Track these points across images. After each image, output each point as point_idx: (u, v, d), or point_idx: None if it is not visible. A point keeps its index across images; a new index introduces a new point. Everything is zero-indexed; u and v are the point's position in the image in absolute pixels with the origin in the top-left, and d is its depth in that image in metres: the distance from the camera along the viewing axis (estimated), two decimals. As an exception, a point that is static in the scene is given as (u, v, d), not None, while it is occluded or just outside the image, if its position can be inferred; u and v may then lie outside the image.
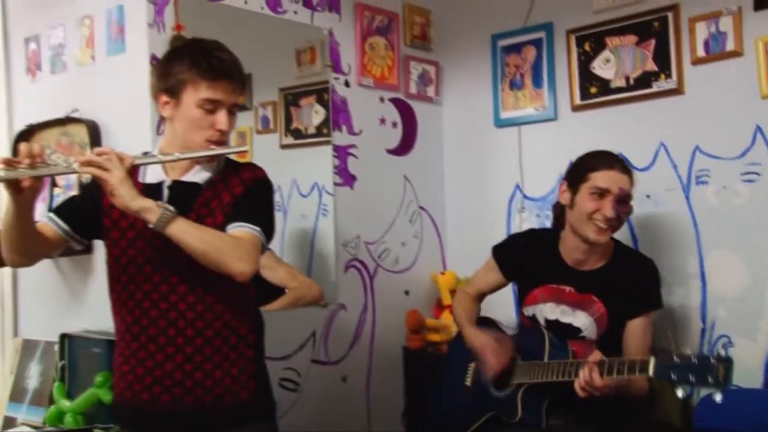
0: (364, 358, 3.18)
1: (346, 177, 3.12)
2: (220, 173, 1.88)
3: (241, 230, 1.78)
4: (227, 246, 1.73)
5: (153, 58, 2.51)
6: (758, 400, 2.42)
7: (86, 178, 1.93)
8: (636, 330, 2.32)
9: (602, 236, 2.31)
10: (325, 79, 3.07)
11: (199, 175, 1.86)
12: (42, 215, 2.00)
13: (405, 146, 3.38)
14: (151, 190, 1.81)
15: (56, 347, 2.69)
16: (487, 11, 3.36)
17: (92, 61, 2.73)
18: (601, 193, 2.30)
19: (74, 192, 2.70)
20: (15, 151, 2.94)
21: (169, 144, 1.87)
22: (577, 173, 2.39)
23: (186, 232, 1.70)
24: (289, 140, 3.08)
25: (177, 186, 1.85)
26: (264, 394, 1.95)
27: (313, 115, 3.07)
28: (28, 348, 2.90)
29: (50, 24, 2.90)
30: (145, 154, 1.94)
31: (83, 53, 2.76)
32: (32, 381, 2.81)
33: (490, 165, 3.36)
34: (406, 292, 3.36)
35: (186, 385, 1.81)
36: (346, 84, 3.14)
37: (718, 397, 1.83)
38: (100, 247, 2.64)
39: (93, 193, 1.88)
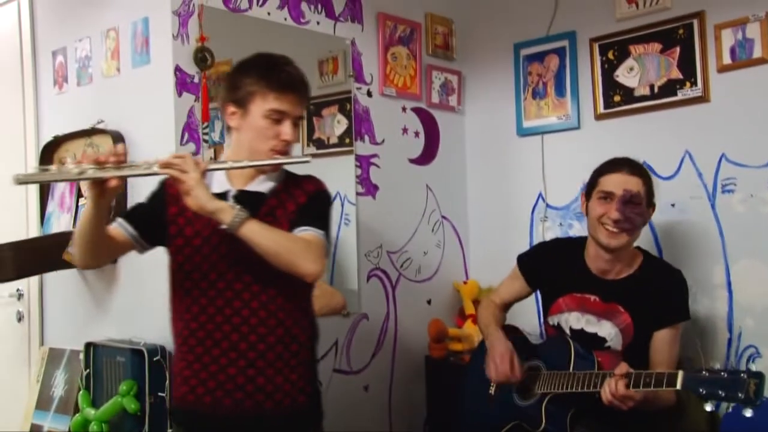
0: (387, 367, 3.18)
1: (368, 187, 3.13)
2: (282, 183, 1.95)
3: (308, 233, 1.85)
4: (297, 247, 1.80)
5: (177, 69, 2.54)
6: None
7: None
8: (663, 342, 2.30)
9: (614, 239, 2.31)
10: (347, 89, 3.08)
11: (262, 185, 1.93)
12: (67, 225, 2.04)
13: (427, 156, 3.38)
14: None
15: (81, 356, 2.72)
16: (509, 20, 3.35)
17: (117, 72, 2.77)
18: (607, 196, 2.32)
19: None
20: (42, 162, 2.99)
21: (234, 154, 1.95)
22: (590, 181, 2.42)
23: (258, 233, 1.76)
24: (312, 150, 3.08)
25: (242, 195, 1.91)
26: (318, 400, 2.01)
27: (336, 124, 3.08)
28: (53, 357, 2.94)
29: (77, 37, 2.94)
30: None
31: (109, 65, 2.80)
32: (58, 389, 2.84)
33: (512, 174, 3.35)
34: (429, 302, 3.35)
35: (247, 390, 1.86)
36: (369, 94, 3.15)
37: (748, 413, 1.81)
38: (124, 257, 2.68)
39: (159, 201, 1.97)
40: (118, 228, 1.95)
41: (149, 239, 1.98)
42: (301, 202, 1.92)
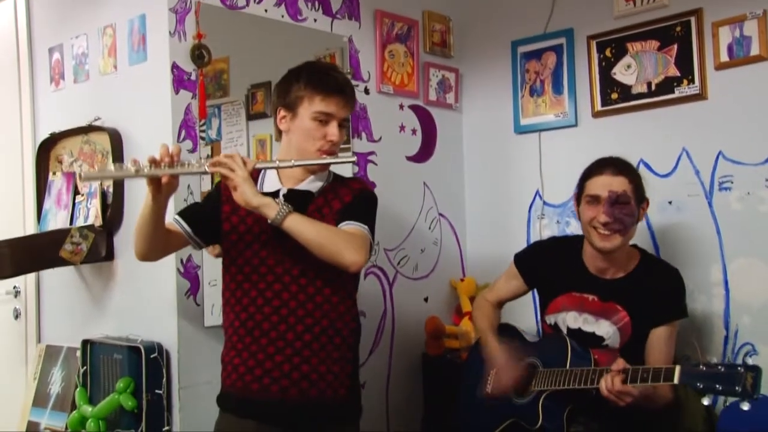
0: (384, 364, 3.18)
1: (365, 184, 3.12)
2: (330, 184, 2.09)
3: (352, 226, 1.96)
4: (340, 238, 1.91)
5: (174, 66, 2.54)
6: None
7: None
8: (659, 339, 2.31)
9: (607, 242, 2.32)
10: None
11: (311, 185, 2.06)
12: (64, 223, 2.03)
13: (424, 153, 3.38)
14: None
15: (78, 353, 2.73)
16: (507, 17, 3.35)
17: (114, 70, 2.76)
18: (593, 199, 2.34)
19: (96, 199, 2.73)
20: (39, 159, 2.99)
21: (284, 155, 2.07)
22: (579, 185, 2.44)
23: (302, 225, 1.88)
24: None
25: (291, 194, 2.04)
26: (357, 395, 2.13)
27: (333, 122, 3.09)
28: (50, 354, 2.94)
29: (73, 33, 2.94)
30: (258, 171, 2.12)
31: (105, 62, 2.79)
32: (55, 386, 2.85)
33: (509, 172, 3.36)
34: (426, 299, 3.36)
35: (293, 377, 1.98)
36: (366, 91, 3.15)
37: (745, 406, 1.82)
38: (122, 254, 2.70)
39: (213, 200, 2.13)
40: (174, 225, 2.09)
41: (203, 236, 2.12)
42: (346, 200, 2.04)
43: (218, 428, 2.10)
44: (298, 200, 2.01)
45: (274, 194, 2.03)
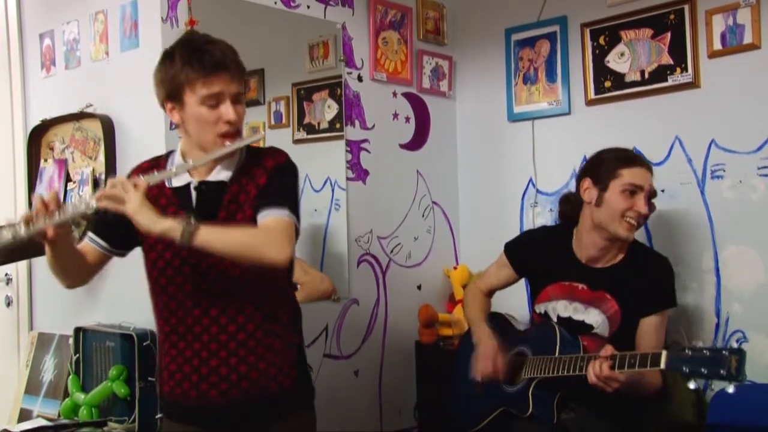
0: (377, 352, 3.20)
1: (358, 172, 3.14)
2: (243, 165, 1.89)
3: (269, 218, 1.79)
4: (256, 241, 1.76)
5: (166, 52, 2.54)
6: None
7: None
8: (649, 328, 2.32)
9: (631, 233, 2.34)
10: (338, 73, 3.08)
11: (223, 173, 1.88)
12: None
13: (418, 141, 3.39)
14: (180, 193, 1.86)
15: (71, 341, 2.73)
16: (500, 5, 3.35)
17: (106, 56, 2.75)
18: (634, 190, 2.32)
19: (88, 186, 2.74)
20: (31, 146, 2.97)
21: (186, 145, 1.90)
22: (606, 170, 2.37)
23: (212, 241, 1.72)
24: (302, 135, 3.09)
25: (204, 186, 1.87)
26: (305, 381, 1.99)
27: (326, 109, 3.09)
28: (43, 341, 2.94)
29: (64, 19, 2.93)
30: (170, 153, 1.98)
31: (97, 48, 2.78)
32: (47, 374, 2.85)
33: (503, 160, 3.37)
34: (419, 287, 3.37)
35: (231, 379, 1.85)
36: (359, 79, 3.15)
37: (731, 389, 1.83)
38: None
39: None
40: (90, 244, 1.95)
41: (123, 246, 1.97)
42: (261, 183, 1.86)
43: None
44: (211, 192, 1.86)
45: (186, 188, 1.87)
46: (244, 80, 1.91)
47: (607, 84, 2.97)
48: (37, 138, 2.98)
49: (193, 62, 1.79)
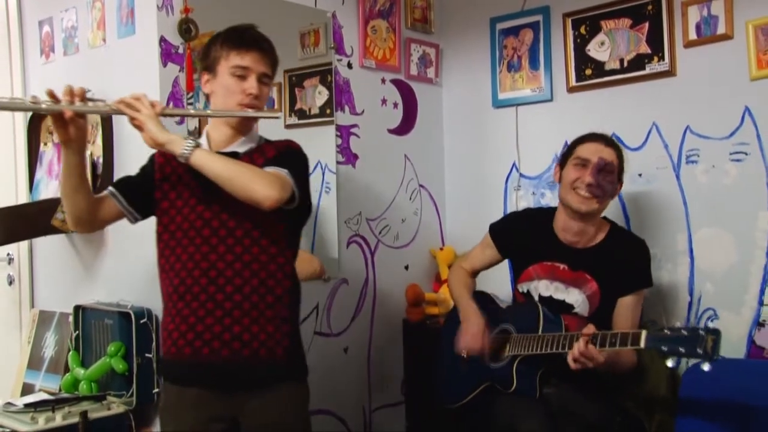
0: (366, 330, 3.25)
1: (348, 156, 3.18)
2: (259, 145, 2.04)
3: (272, 169, 1.90)
4: (251, 173, 1.86)
5: (162, 40, 2.58)
6: (741, 370, 2.48)
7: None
8: (626, 307, 2.38)
9: (584, 204, 2.38)
10: (328, 61, 3.10)
11: (239, 147, 2.01)
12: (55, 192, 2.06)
13: (406, 126, 3.43)
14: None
15: (71, 318, 2.77)
16: (486, -5, 3.38)
17: (103, 43, 2.79)
18: (583, 162, 2.40)
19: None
20: (30, 130, 3.01)
21: (212, 128, 2.05)
22: (566, 151, 2.49)
23: (210, 160, 1.84)
24: (294, 120, 3.10)
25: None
26: (297, 354, 2.05)
27: (317, 95, 3.11)
28: (44, 319, 2.99)
29: (63, 6, 2.96)
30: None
31: (95, 35, 2.81)
32: (48, 350, 2.90)
33: (487, 144, 3.41)
34: (406, 267, 3.41)
35: (224, 339, 1.92)
36: (349, 66, 3.19)
37: (706, 367, 1.89)
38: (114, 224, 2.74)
39: (146, 171, 2.08)
40: (108, 196, 2.04)
41: (139, 209, 2.06)
42: (269, 156, 1.99)
43: (162, 406, 2.09)
44: None
45: None
46: (274, 71, 2.07)
47: (588, 72, 3.02)
48: (36, 123, 3.00)
49: (234, 38, 1.99)
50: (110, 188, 2.06)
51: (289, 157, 2.00)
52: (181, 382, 2.00)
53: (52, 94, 1.82)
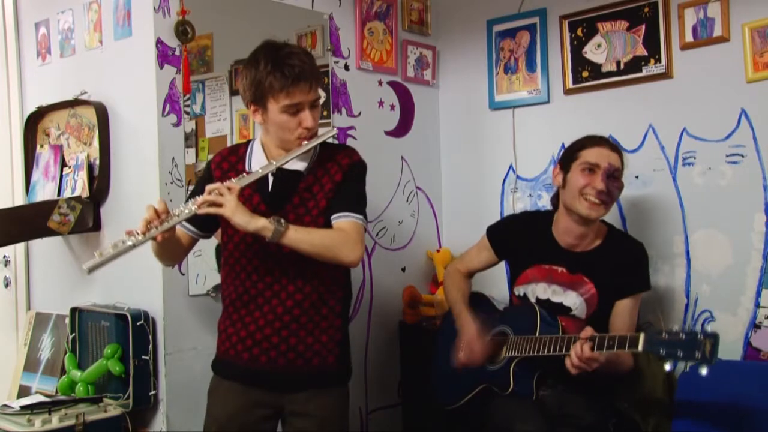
0: (363, 331, 3.24)
1: (345, 158, 3.18)
2: (318, 158, 2.11)
3: (345, 221, 2.04)
4: (336, 243, 2.00)
5: (159, 42, 2.58)
6: (738, 372, 2.48)
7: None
8: (624, 310, 2.38)
9: (594, 211, 2.36)
10: (325, 62, 3.10)
11: (299, 164, 2.09)
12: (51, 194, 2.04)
13: (402, 128, 3.43)
14: (258, 177, 2.03)
15: (67, 320, 2.77)
16: (482, -3, 3.38)
17: (100, 45, 2.78)
18: (591, 168, 2.37)
19: (83, 171, 2.78)
20: (27, 132, 3.00)
21: (266, 139, 2.13)
22: (568, 154, 2.45)
23: (298, 241, 1.96)
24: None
25: (280, 173, 2.07)
26: (345, 360, 2.19)
27: (314, 97, 3.12)
28: (40, 321, 2.98)
29: (59, 8, 2.95)
30: (248, 142, 2.19)
31: (91, 37, 2.81)
32: (45, 352, 2.89)
33: (484, 146, 3.41)
34: (403, 269, 3.42)
35: (281, 349, 2.07)
36: (346, 68, 3.19)
37: (704, 371, 1.89)
38: (108, 225, 2.73)
39: (206, 182, 2.10)
40: (183, 231, 2.17)
41: (206, 228, 2.21)
42: (337, 179, 2.08)
43: (210, 388, 2.19)
44: (287, 179, 2.07)
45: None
46: (321, 87, 2.14)
47: (585, 74, 3.03)
48: (33, 124, 3.01)
49: (276, 73, 1.97)
50: (183, 223, 2.13)
51: (355, 183, 2.11)
52: (233, 379, 2.14)
53: (146, 226, 1.92)
